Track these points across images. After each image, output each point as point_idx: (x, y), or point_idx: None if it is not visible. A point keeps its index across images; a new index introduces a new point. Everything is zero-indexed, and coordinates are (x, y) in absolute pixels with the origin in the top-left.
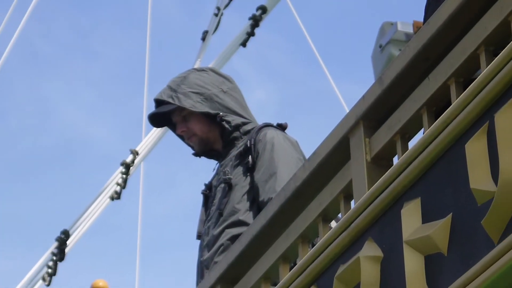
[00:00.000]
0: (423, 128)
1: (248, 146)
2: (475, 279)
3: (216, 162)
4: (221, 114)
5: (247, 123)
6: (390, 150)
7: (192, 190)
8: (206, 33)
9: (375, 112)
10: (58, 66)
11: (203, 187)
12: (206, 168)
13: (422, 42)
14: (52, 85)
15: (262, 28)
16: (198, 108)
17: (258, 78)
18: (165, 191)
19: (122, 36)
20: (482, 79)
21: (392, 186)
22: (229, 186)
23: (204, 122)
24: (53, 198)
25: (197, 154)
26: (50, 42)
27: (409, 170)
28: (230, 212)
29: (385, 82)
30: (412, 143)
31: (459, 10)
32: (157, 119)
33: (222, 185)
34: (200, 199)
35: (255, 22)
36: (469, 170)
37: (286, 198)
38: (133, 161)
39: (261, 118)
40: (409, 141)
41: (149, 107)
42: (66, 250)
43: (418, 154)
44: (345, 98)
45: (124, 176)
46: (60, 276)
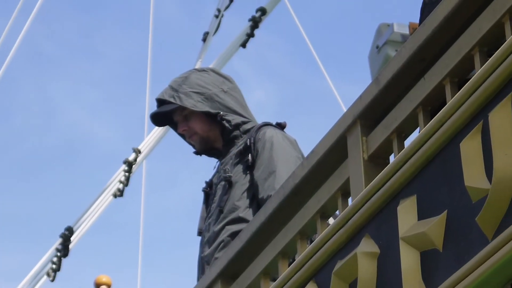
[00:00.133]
0: (419, 127)
1: (248, 144)
2: (470, 275)
3: (216, 160)
4: (221, 113)
5: (247, 122)
6: (387, 149)
7: (193, 187)
8: (206, 34)
9: (372, 111)
10: (63, 66)
11: (204, 185)
12: (207, 166)
13: (417, 43)
14: (56, 85)
15: (261, 29)
16: (199, 107)
17: (257, 79)
18: (166, 189)
19: (125, 37)
20: (477, 79)
21: (388, 184)
22: (229, 183)
23: (205, 121)
24: (57, 195)
25: (198, 153)
26: (54, 43)
27: (405, 168)
28: (230, 209)
29: (381, 82)
30: (408, 142)
31: (454, 12)
32: (159, 118)
33: (223, 182)
34: (201, 197)
35: (255, 23)
36: (463, 168)
37: (285, 196)
38: (135, 159)
39: (260, 118)
40: (405, 140)
41: (151, 107)
42: (70, 246)
43: (414, 153)
44: (342, 98)
45: (126, 174)
46: (64, 271)
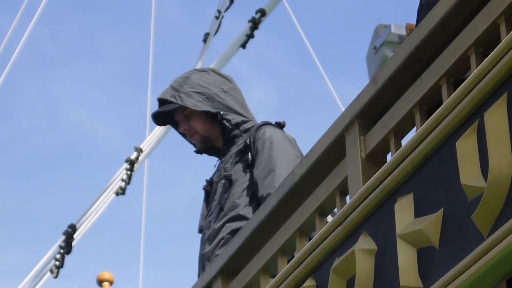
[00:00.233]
0: (416, 126)
1: (247, 143)
2: (466, 271)
3: (217, 159)
4: (221, 113)
5: (247, 122)
6: (384, 148)
7: (194, 185)
8: (207, 35)
9: (370, 111)
10: (65, 67)
11: (205, 183)
12: (207, 164)
13: (414, 44)
14: (59, 85)
15: (261, 30)
16: (199, 107)
17: (257, 79)
18: (168, 187)
19: (127, 37)
20: (472, 80)
21: (386, 182)
22: (229, 182)
23: (205, 121)
24: (60, 193)
25: (198, 151)
26: (57, 43)
27: (402, 166)
28: (230, 207)
29: (379, 83)
30: (405, 141)
31: (450, 13)
32: (160, 118)
33: (223, 181)
34: (201, 195)
35: (255, 24)
36: (459, 166)
37: (284, 194)
38: (137, 158)
39: (260, 117)
40: (402, 139)
41: (152, 106)
42: (73, 244)
43: (411, 152)
44: (340, 98)
45: (128, 172)
46: (67, 268)
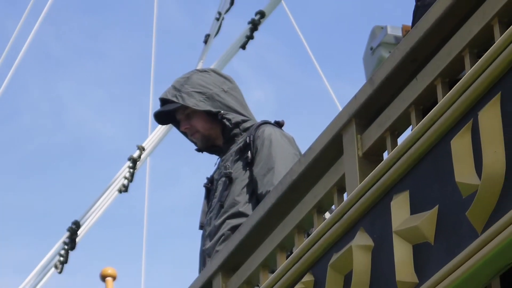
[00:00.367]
0: (411, 125)
1: (247, 142)
2: (460, 267)
3: (217, 157)
4: (222, 112)
5: (247, 121)
6: (381, 146)
7: (195, 183)
8: (208, 36)
9: (367, 110)
10: (70, 67)
11: (205, 181)
12: (208, 162)
13: (410, 44)
14: (64, 85)
15: (260, 31)
16: (200, 106)
17: (257, 79)
18: (169, 184)
19: (130, 39)
20: (467, 80)
21: (382, 180)
22: (229, 179)
23: (206, 120)
24: (64, 191)
25: (199, 150)
26: (62, 44)
27: (398, 164)
28: (230, 204)
29: (375, 82)
30: (401, 140)
31: (445, 15)
32: (162, 117)
33: (223, 178)
34: (202, 192)
35: (254, 26)
36: (454, 164)
37: (283, 191)
38: (139, 156)
39: (259, 116)
40: (398, 137)
41: (154, 106)
42: (77, 240)
43: (407, 150)
44: (338, 98)
45: (131, 170)
46: (71, 264)
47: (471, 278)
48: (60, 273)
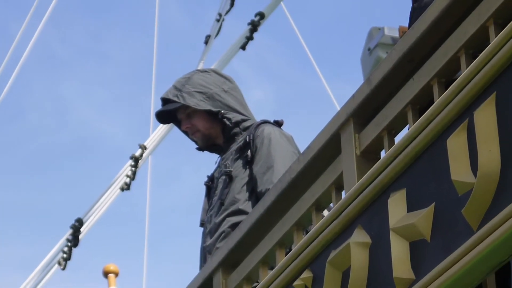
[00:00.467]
0: (408, 124)
1: (247, 141)
2: (456, 264)
3: (217, 156)
4: (222, 111)
5: (246, 120)
6: (378, 145)
7: (195, 181)
8: (208, 37)
9: (364, 110)
10: (73, 67)
11: (206, 179)
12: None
13: (407, 45)
14: (67, 85)
15: (260, 32)
16: (201, 106)
17: (256, 79)
18: (171, 183)
19: (132, 40)
20: (462, 80)
21: (379, 178)
22: (229, 178)
23: (206, 119)
24: (68, 189)
25: (200, 149)
26: (65, 45)
27: (395, 163)
28: (230, 201)
29: (373, 83)
30: (398, 139)
31: (441, 16)
32: (163, 116)
33: (224, 177)
34: (203, 190)
35: (254, 27)
36: (450, 163)
37: (282, 189)
38: (141, 155)
39: (259, 116)
40: (395, 136)
41: (156, 105)
42: (80, 237)
43: (404, 149)
44: (336, 97)
45: (133, 168)
46: (74, 260)
47: (467, 275)
48: (63, 269)
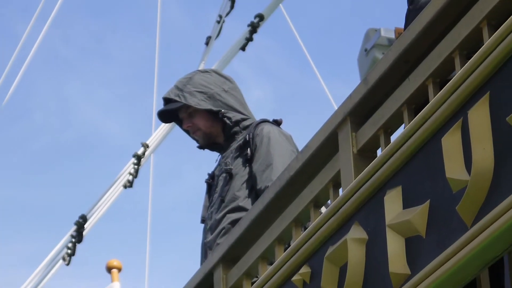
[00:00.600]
0: (404, 123)
1: (247, 139)
2: (451, 259)
3: (218, 154)
4: (222, 111)
5: (246, 119)
6: (374, 143)
7: (196, 179)
8: (209, 38)
9: (361, 109)
10: (77, 68)
11: (207, 177)
12: (209, 159)
13: (403, 46)
14: (71, 85)
15: (259, 34)
16: (202, 105)
17: (256, 79)
18: (172, 180)
19: (134, 41)
20: (457, 80)
21: (376, 176)
22: (230, 175)
23: (207, 118)
24: (72, 186)
25: (201, 147)
26: (69, 46)
27: (391, 161)
28: (231, 198)
29: (369, 83)
30: (394, 137)
31: (436, 18)
32: (165, 116)
33: (224, 174)
34: (204, 187)
35: (253, 28)
36: (445, 161)
37: (281, 186)
38: (144, 153)
39: (258, 115)
40: (391, 135)
41: (158, 105)
42: (84, 233)
43: (400, 147)
44: (334, 97)
45: (136, 166)
46: (78, 256)
47: (461, 270)
48: (67, 265)
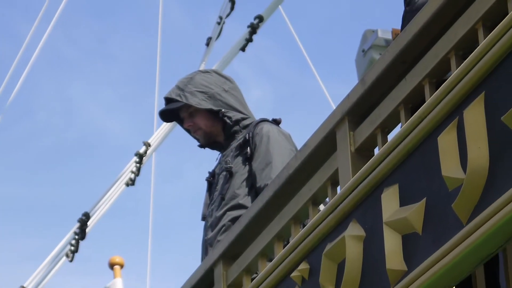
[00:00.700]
0: (401, 123)
1: (247, 138)
2: (446, 256)
3: (218, 152)
4: (223, 110)
5: (246, 118)
6: (372, 142)
7: (197, 177)
8: (210, 39)
9: (359, 109)
10: (80, 68)
11: (207, 175)
12: (210, 158)
13: (399, 47)
14: (75, 85)
15: (259, 35)
16: (203, 105)
17: (255, 79)
18: (174, 178)
19: (136, 41)
20: (453, 80)
21: (373, 174)
22: (230, 173)
23: (208, 118)
24: (75, 184)
25: (202, 146)
26: (73, 47)
27: (388, 159)
28: (231, 196)
29: (367, 83)
30: (391, 136)
31: (432, 19)
32: (166, 115)
33: (224, 173)
34: (204, 185)
35: (253, 29)
36: (441, 159)
37: (280, 184)
38: (145, 152)
39: (258, 114)
40: (388, 134)
41: (159, 104)
42: (87, 230)
43: (396, 146)
44: (332, 97)
45: (137, 165)
46: (81, 253)
47: (457, 266)
48: (71, 261)
